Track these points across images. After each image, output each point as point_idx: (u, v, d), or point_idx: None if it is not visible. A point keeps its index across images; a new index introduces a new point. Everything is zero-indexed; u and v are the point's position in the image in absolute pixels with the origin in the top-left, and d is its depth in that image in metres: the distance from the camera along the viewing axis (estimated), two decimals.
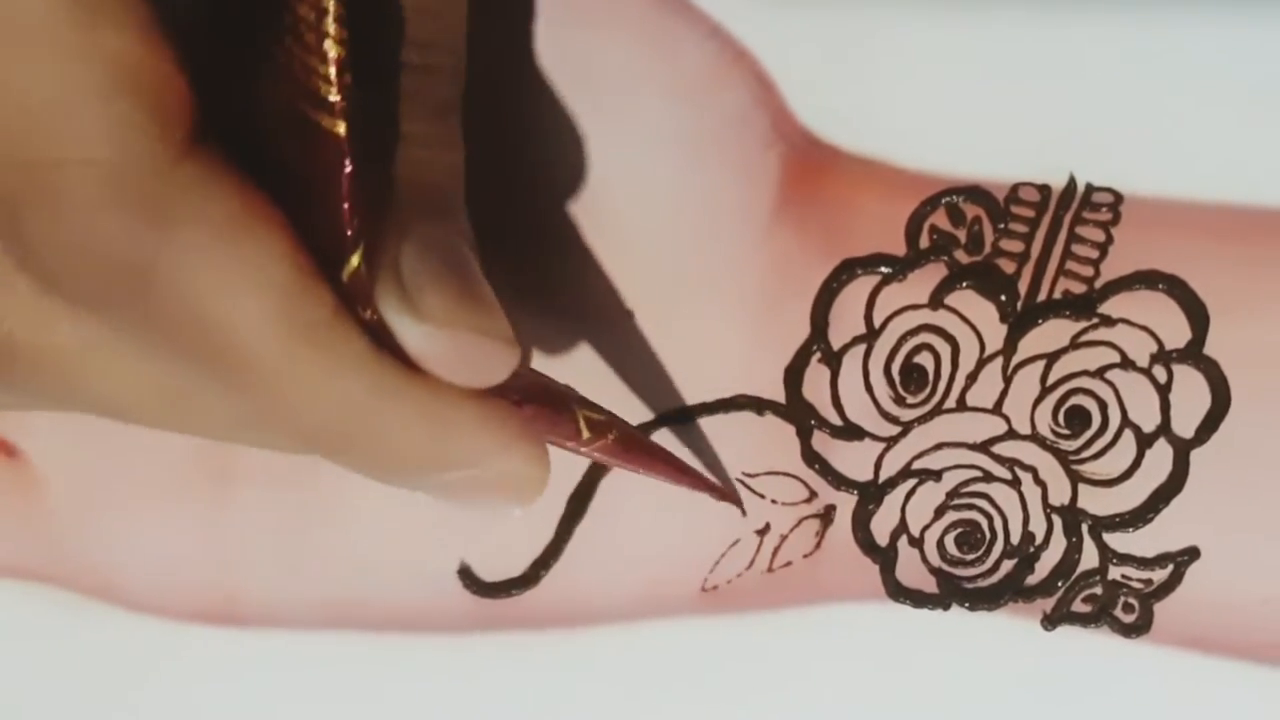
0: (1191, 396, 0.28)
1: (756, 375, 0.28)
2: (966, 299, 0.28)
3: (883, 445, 0.28)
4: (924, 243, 0.28)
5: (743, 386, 0.28)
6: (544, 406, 0.24)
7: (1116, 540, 0.28)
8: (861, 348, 0.28)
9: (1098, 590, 0.28)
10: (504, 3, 0.27)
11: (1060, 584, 0.28)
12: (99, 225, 0.19)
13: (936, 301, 0.28)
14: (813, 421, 0.28)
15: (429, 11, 0.23)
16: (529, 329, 0.28)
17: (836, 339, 0.28)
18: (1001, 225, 0.28)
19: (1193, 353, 0.28)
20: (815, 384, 0.28)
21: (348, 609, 0.29)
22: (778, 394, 0.28)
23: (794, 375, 0.28)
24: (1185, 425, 0.28)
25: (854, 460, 0.28)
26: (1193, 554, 0.28)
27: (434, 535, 0.29)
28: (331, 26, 0.19)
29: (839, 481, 0.28)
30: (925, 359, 0.28)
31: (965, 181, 0.28)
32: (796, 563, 0.28)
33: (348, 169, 0.20)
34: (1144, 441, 0.28)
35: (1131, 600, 0.28)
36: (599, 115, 0.28)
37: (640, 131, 0.28)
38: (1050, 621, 0.28)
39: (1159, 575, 0.28)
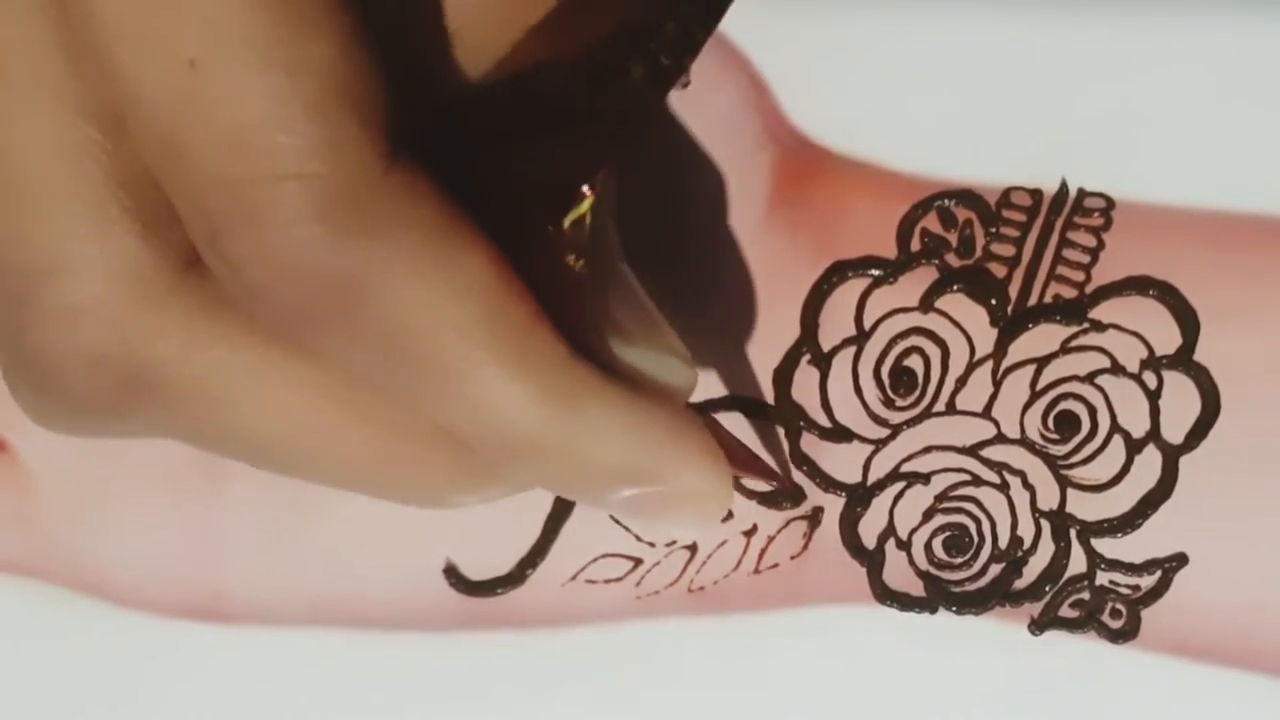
0: (1181, 403, 0.28)
1: (745, 376, 0.28)
2: (957, 302, 0.28)
3: (871, 448, 0.28)
4: (915, 245, 0.28)
5: (732, 387, 0.28)
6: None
7: (1105, 546, 0.28)
8: (851, 350, 0.28)
9: (1085, 595, 0.28)
10: None
11: (1048, 589, 0.28)
12: (311, 239, 0.19)
13: (927, 305, 0.28)
14: (801, 423, 0.28)
15: None
16: None
17: (826, 341, 0.28)
18: (993, 229, 0.28)
19: (1183, 359, 0.28)
20: (804, 386, 0.28)
21: (334, 606, 0.29)
22: (767, 395, 0.28)
23: (783, 376, 0.28)
24: (1175, 431, 0.28)
25: (842, 462, 0.28)
26: (1181, 560, 0.28)
27: (420, 533, 0.29)
28: None
29: (827, 483, 0.28)
30: (915, 362, 0.28)
31: (957, 185, 0.28)
32: (783, 564, 0.28)
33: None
34: (1133, 447, 0.28)
35: (1119, 606, 0.28)
36: None
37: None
38: (1037, 626, 0.28)
39: (1147, 581, 0.28)
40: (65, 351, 0.20)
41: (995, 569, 0.28)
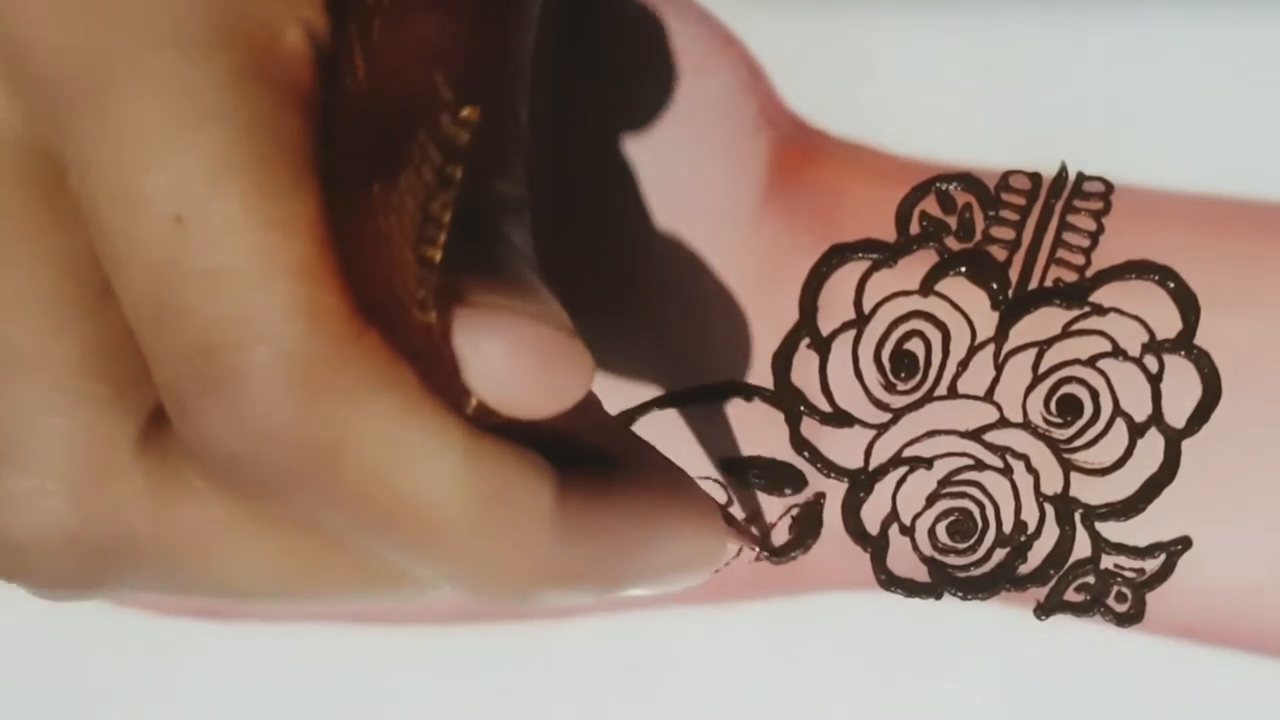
0: (1183, 386, 0.28)
1: (745, 361, 0.28)
2: (957, 286, 0.28)
3: (873, 432, 0.28)
4: (914, 229, 0.28)
5: (731, 372, 0.28)
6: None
7: (1109, 529, 0.28)
8: (851, 334, 0.28)
9: (1090, 579, 0.28)
10: None
11: (1053, 573, 0.28)
12: (286, 406, 0.18)
13: (927, 288, 0.28)
14: (802, 408, 0.28)
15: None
16: None
17: (826, 325, 0.28)
18: (992, 212, 0.28)
19: (1184, 343, 0.28)
20: (804, 370, 0.28)
21: None
22: (766, 380, 0.28)
23: (782, 361, 0.28)
24: (1177, 415, 0.28)
25: (844, 447, 0.28)
26: (1185, 543, 0.28)
27: None
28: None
29: (829, 469, 0.28)
30: (916, 346, 0.28)
31: (956, 168, 0.28)
32: None
33: None
34: (1136, 431, 0.28)
35: (1124, 590, 0.28)
36: (585, 102, 0.28)
37: (628, 117, 0.28)
38: (1043, 611, 0.28)
39: (1151, 565, 0.28)
40: (31, 534, 0.20)
41: (1000, 554, 0.28)
